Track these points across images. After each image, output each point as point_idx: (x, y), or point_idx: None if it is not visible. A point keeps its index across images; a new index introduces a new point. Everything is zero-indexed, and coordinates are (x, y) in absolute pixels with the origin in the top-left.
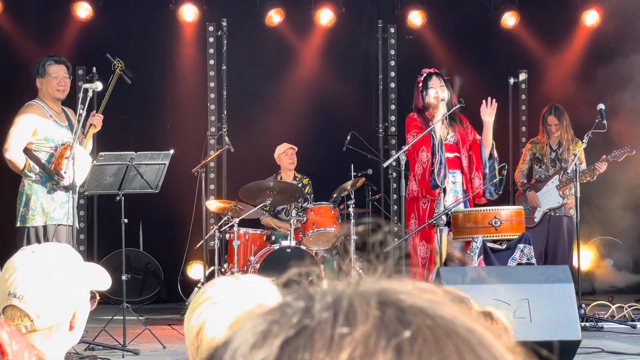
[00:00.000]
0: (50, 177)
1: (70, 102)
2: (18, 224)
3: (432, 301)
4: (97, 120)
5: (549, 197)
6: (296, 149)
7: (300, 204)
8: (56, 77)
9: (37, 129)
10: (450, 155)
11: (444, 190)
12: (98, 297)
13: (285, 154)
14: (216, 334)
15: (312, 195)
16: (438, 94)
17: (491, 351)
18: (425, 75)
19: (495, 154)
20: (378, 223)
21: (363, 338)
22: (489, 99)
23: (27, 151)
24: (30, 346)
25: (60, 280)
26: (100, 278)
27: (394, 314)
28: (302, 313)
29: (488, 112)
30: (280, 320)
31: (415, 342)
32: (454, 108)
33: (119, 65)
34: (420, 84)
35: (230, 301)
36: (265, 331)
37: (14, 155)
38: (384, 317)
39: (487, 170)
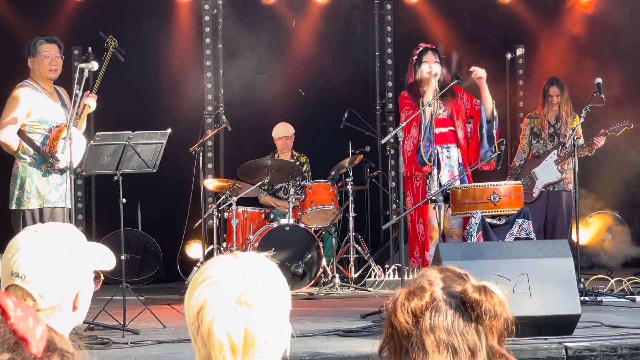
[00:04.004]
0: (45, 159)
1: (66, 82)
2: (13, 207)
3: None
4: (91, 100)
5: (547, 172)
6: (291, 132)
7: (298, 182)
8: (47, 57)
9: (31, 110)
10: (444, 129)
11: (438, 166)
12: (102, 278)
13: (280, 140)
14: (216, 314)
15: (310, 173)
16: (431, 68)
17: None
18: (421, 49)
19: (496, 113)
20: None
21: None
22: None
23: (20, 133)
24: (36, 316)
25: (63, 259)
26: (104, 258)
27: None
28: None
29: (478, 70)
30: None
31: None
32: (450, 85)
33: (112, 42)
34: (415, 58)
35: (229, 280)
36: None
37: (8, 137)
38: None
39: (483, 131)
